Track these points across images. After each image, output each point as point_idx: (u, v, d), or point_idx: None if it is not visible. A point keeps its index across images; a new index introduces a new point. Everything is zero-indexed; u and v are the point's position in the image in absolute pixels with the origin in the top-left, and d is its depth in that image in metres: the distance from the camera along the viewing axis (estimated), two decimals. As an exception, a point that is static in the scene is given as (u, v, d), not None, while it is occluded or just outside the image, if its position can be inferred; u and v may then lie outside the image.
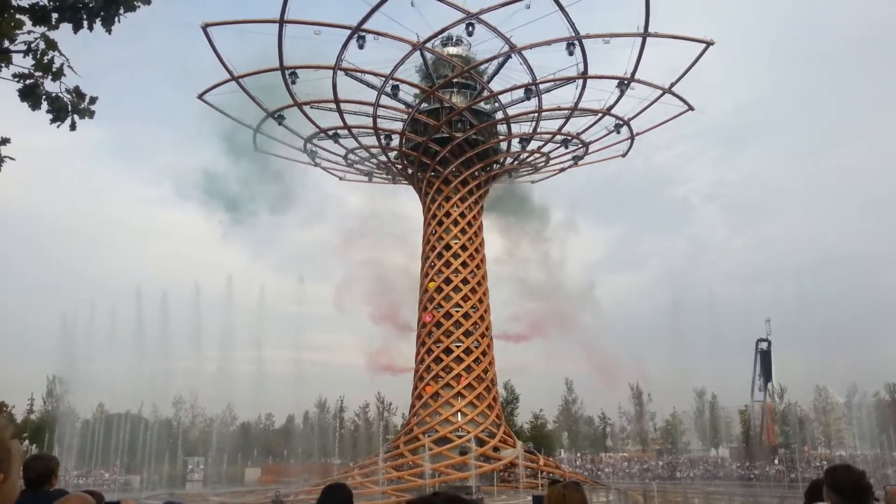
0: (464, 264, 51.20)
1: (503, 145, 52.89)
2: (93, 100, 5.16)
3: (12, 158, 5.21)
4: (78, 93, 5.07)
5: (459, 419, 48.21)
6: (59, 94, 4.97)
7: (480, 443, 46.82)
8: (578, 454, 76.16)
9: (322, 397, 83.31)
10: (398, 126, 51.00)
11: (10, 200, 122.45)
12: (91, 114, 5.14)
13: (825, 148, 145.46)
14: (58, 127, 5.05)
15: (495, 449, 47.42)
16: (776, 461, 66.27)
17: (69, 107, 5.04)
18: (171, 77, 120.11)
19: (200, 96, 47.34)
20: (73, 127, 5.11)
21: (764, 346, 71.00)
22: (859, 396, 61.02)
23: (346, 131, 50.18)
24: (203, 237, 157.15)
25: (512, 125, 51.13)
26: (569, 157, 55.22)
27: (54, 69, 4.93)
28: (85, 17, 4.93)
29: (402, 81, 47.15)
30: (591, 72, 44.72)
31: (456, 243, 51.39)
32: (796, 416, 72.23)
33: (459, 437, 47.11)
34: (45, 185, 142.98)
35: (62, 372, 75.90)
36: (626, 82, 45.40)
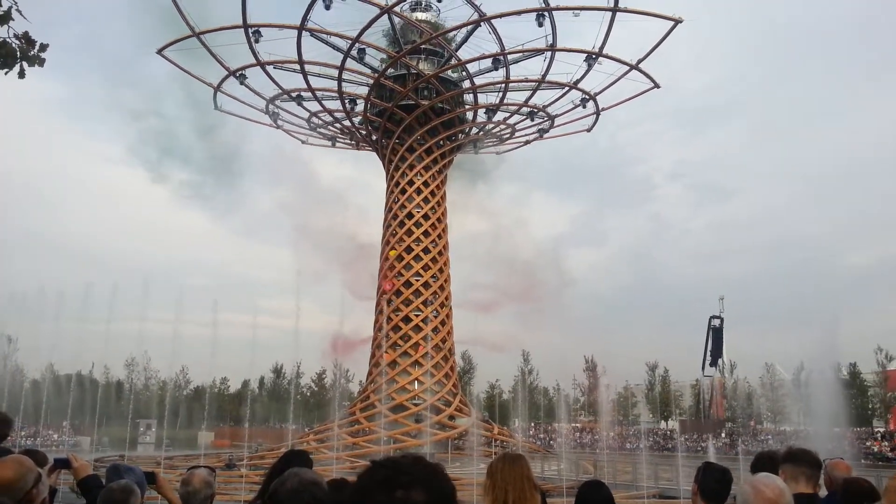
0: (425, 233, 51.08)
1: (469, 115, 52.56)
2: (43, 47, 4.93)
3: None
4: (27, 39, 4.85)
5: (416, 387, 48.43)
6: (7, 40, 4.76)
7: (437, 411, 47.14)
8: (532, 423, 77.18)
9: (278, 363, 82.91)
10: (363, 91, 50.23)
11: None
12: (41, 61, 4.92)
13: (787, 131, 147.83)
14: (6, 74, 4.84)
15: (451, 417, 47.80)
16: (723, 434, 68.08)
17: (17, 53, 4.82)
18: (130, 32, 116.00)
19: (160, 51, 45.93)
20: (21, 75, 4.89)
21: (716, 322, 72.58)
22: (805, 374, 62.73)
23: (309, 94, 49.28)
24: (159, 199, 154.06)
25: (479, 95, 50.80)
26: (534, 129, 55.15)
27: (1, 13, 4.69)
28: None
29: (369, 45, 46.35)
30: (559, 45, 44.57)
31: (418, 212, 51.17)
32: (744, 391, 74.13)
33: (416, 404, 47.36)
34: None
35: (10, 331, 74.32)
36: (594, 56, 45.30)
